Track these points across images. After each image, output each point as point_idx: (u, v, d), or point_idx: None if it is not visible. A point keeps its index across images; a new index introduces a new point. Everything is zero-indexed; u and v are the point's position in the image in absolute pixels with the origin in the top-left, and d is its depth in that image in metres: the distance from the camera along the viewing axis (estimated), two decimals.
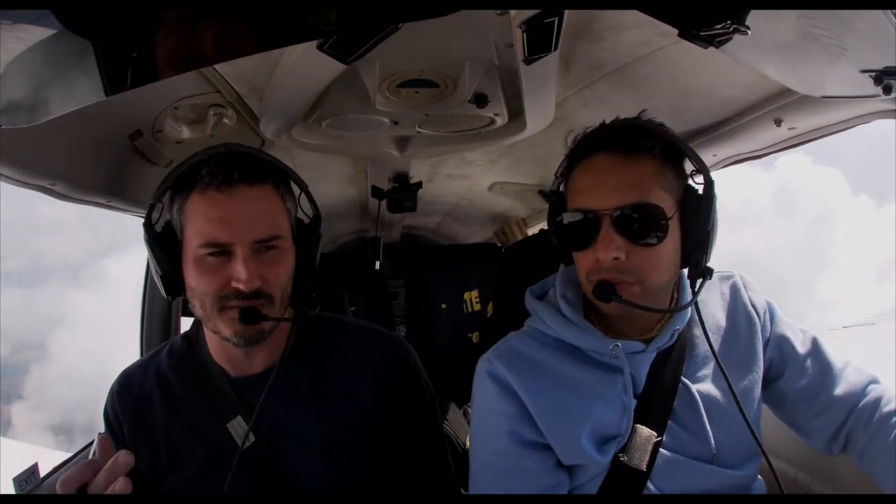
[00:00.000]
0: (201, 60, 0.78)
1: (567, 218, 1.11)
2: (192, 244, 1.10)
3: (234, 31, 0.74)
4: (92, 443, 1.51)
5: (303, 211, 1.24)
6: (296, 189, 1.23)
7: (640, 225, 1.05)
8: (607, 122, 1.14)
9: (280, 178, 1.16)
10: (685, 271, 1.14)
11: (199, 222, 1.09)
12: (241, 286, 1.07)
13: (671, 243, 1.08)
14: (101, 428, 1.33)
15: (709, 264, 1.10)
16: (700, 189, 1.11)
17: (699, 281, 1.09)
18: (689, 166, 1.13)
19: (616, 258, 1.05)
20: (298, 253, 1.18)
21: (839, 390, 1.18)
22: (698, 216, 1.09)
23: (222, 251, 1.09)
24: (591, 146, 1.11)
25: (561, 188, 1.19)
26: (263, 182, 1.12)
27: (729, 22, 0.84)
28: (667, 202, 1.07)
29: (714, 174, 1.13)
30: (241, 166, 1.10)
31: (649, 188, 1.06)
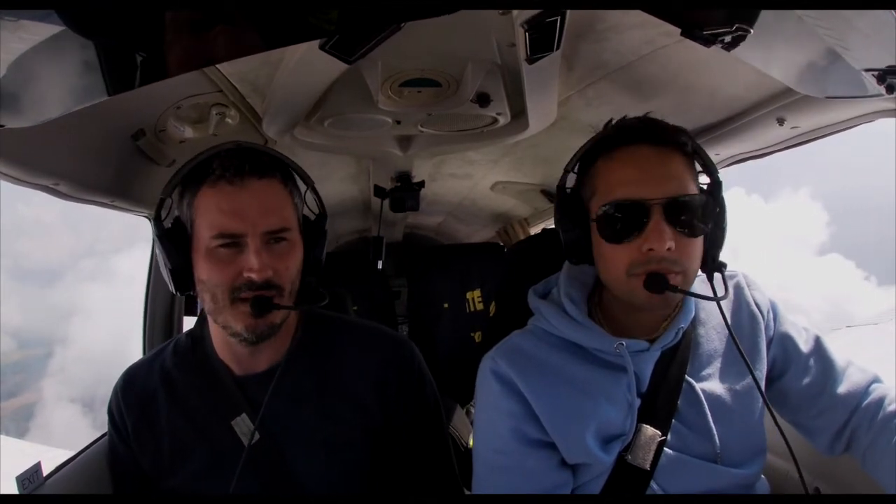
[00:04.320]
0: (204, 60, 0.78)
1: (610, 209, 1.06)
2: (204, 237, 1.11)
3: (236, 30, 0.75)
4: (93, 444, 1.52)
5: (308, 208, 1.25)
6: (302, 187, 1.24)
7: (688, 215, 1.05)
8: (613, 120, 1.14)
9: (287, 174, 1.18)
10: None
11: (210, 214, 1.10)
12: (253, 276, 1.08)
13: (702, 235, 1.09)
14: None
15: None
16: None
17: (716, 276, 1.12)
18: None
19: (669, 248, 1.03)
20: (305, 249, 1.19)
21: (842, 389, 1.17)
22: (716, 213, 1.10)
23: (234, 242, 1.10)
24: (625, 138, 1.09)
25: (570, 184, 1.17)
26: (272, 176, 1.13)
27: (732, 21, 0.84)
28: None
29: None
30: (252, 160, 1.12)
31: (688, 181, 1.07)
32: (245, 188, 1.10)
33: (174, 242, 1.14)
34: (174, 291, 1.17)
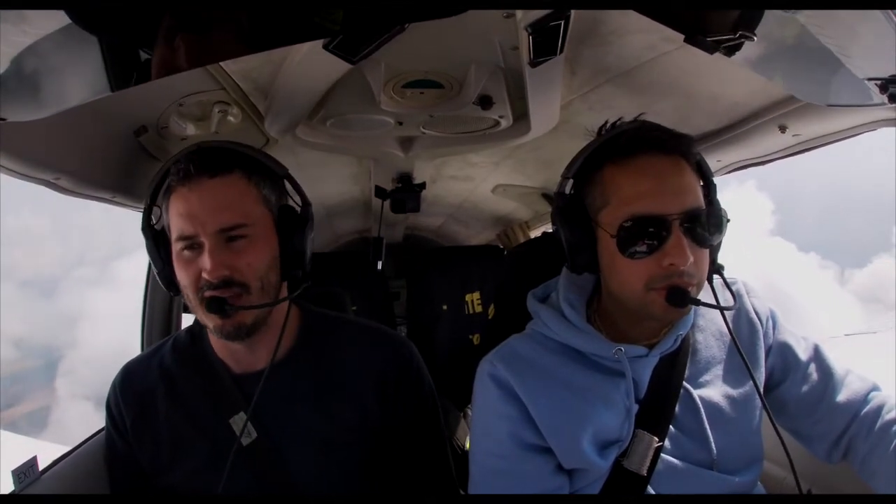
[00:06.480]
0: (208, 58, 0.79)
1: (631, 224, 1.04)
2: (173, 240, 1.14)
3: (241, 29, 0.75)
4: (90, 438, 1.51)
5: (293, 200, 1.24)
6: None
7: (702, 227, 1.04)
8: (608, 123, 1.14)
9: (253, 167, 1.17)
10: None
11: (173, 219, 1.13)
12: (206, 276, 1.09)
13: None
14: None
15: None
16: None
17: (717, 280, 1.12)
18: None
19: (690, 262, 1.03)
20: (283, 240, 1.18)
21: (841, 397, 1.17)
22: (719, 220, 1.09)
23: (193, 244, 1.11)
24: (636, 146, 1.06)
25: (571, 190, 1.15)
26: (228, 172, 1.13)
27: (735, 28, 0.84)
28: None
29: (716, 180, 1.13)
30: (202, 159, 1.12)
31: (699, 191, 1.07)
32: (193, 189, 1.11)
33: (159, 247, 1.18)
34: (168, 292, 1.20)
